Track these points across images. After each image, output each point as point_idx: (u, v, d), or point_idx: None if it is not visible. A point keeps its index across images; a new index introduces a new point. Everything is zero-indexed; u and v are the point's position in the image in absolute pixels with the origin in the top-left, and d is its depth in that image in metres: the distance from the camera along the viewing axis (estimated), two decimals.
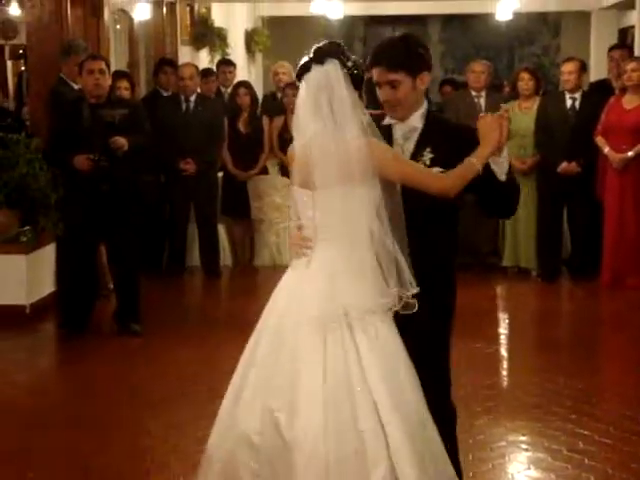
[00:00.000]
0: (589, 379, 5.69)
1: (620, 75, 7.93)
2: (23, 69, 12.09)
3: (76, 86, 7.20)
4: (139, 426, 4.96)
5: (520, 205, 3.65)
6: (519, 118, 8.04)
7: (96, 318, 6.85)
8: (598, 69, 11.58)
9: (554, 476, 4.28)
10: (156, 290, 7.83)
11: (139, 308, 6.68)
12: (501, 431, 4.83)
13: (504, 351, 6.54)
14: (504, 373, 6.06)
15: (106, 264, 6.99)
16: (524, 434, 4.80)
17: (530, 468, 4.38)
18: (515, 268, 8.49)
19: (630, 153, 7.68)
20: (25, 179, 6.98)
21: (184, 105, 8.54)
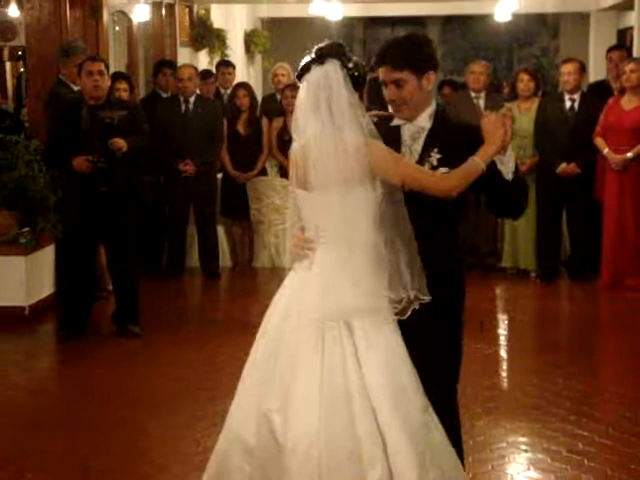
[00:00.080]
0: (588, 380, 5.68)
1: (619, 76, 7.93)
2: (22, 70, 12.08)
3: (75, 87, 7.19)
4: (138, 427, 4.95)
5: None
6: (518, 119, 8.04)
7: (95, 319, 6.84)
8: (597, 70, 11.59)
9: (553, 477, 4.27)
10: (155, 291, 7.84)
11: (138, 309, 6.68)
12: (501, 432, 4.83)
13: (503, 352, 6.53)
14: (503, 374, 6.06)
15: (105, 265, 6.98)
16: (524, 435, 4.80)
17: (530, 469, 4.37)
18: (514, 269, 8.48)
19: (629, 154, 7.68)
20: (24, 181, 6.97)
21: (183, 106, 8.53)
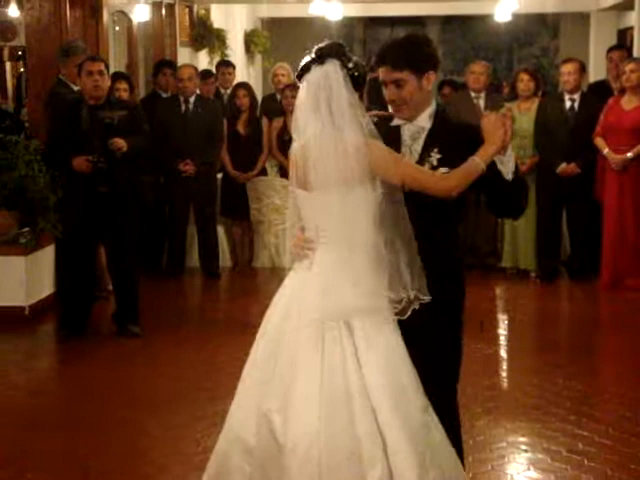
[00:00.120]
0: (588, 380, 5.68)
1: (619, 76, 7.93)
2: (22, 70, 12.08)
3: (75, 87, 7.19)
4: (138, 428, 4.95)
5: None
6: (518, 119, 8.04)
7: (95, 319, 6.84)
8: (597, 70, 11.59)
9: (553, 477, 4.27)
10: (155, 291, 7.84)
11: (138, 309, 6.67)
12: (500, 432, 4.83)
13: (503, 352, 6.53)
14: (503, 374, 6.05)
15: (105, 265, 6.98)
16: (523, 435, 4.80)
17: (530, 469, 4.37)
18: (514, 269, 8.48)
19: (629, 154, 7.68)
20: (24, 181, 6.97)
21: (183, 106, 8.53)
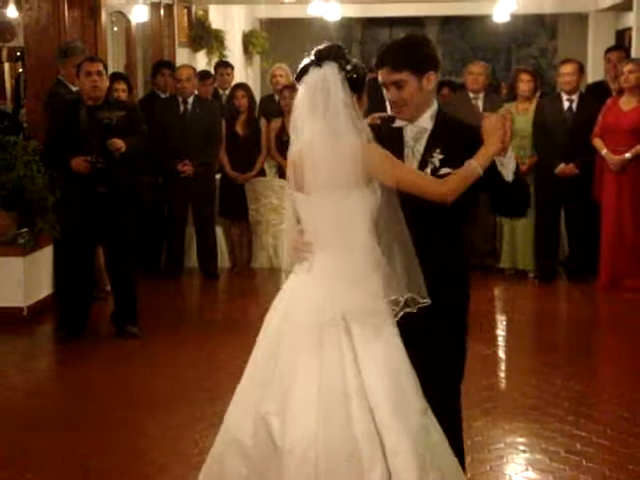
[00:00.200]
0: (587, 381, 5.69)
1: (617, 77, 7.93)
2: (21, 71, 12.07)
3: (74, 88, 7.18)
4: (137, 428, 4.95)
5: None
6: (517, 119, 8.04)
7: (94, 320, 6.84)
8: (595, 71, 11.59)
9: (552, 477, 4.28)
10: (154, 292, 7.84)
11: (136, 310, 6.67)
12: (499, 433, 4.83)
13: (502, 353, 6.54)
14: (502, 375, 6.06)
15: (103, 266, 6.98)
16: (522, 436, 4.80)
17: (528, 469, 4.37)
18: (512, 270, 8.49)
19: (627, 155, 7.68)
20: (23, 181, 6.97)
21: (182, 107, 8.53)
